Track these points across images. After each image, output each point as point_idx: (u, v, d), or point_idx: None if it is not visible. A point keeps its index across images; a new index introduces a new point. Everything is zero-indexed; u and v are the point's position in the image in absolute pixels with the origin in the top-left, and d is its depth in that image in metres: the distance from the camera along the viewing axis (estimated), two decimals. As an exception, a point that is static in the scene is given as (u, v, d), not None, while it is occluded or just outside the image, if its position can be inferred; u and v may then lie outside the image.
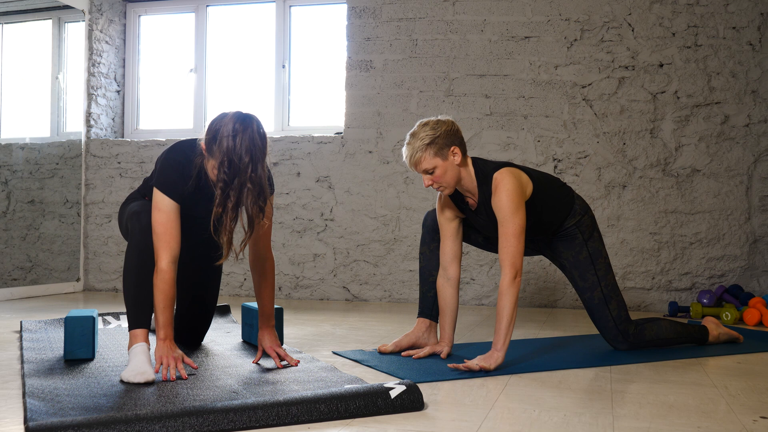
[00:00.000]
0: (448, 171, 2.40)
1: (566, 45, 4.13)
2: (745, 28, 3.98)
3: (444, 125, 2.39)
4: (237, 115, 2.09)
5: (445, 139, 2.37)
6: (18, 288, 4.30)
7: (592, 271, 2.58)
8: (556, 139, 4.13)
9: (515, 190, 2.36)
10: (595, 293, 2.59)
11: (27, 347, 2.56)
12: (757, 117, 3.97)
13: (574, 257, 2.60)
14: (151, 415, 1.57)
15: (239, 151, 2.03)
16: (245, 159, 2.04)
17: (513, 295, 2.30)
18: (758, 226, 3.98)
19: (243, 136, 2.04)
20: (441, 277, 2.58)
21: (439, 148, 2.37)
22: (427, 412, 1.80)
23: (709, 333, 2.80)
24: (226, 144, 2.04)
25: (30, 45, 4.81)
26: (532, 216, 2.48)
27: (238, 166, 2.03)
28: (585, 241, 2.59)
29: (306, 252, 4.42)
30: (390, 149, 4.31)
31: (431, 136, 2.36)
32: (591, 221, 2.62)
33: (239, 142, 2.04)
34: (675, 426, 1.70)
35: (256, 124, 2.09)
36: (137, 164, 4.69)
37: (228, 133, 2.05)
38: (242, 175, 2.04)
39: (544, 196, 2.50)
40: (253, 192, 2.06)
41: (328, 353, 2.60)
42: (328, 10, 4.73)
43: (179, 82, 4.94)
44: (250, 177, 2.05)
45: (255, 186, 2.06)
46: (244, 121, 2.07)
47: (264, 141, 2.11)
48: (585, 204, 2.63)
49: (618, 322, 2.60)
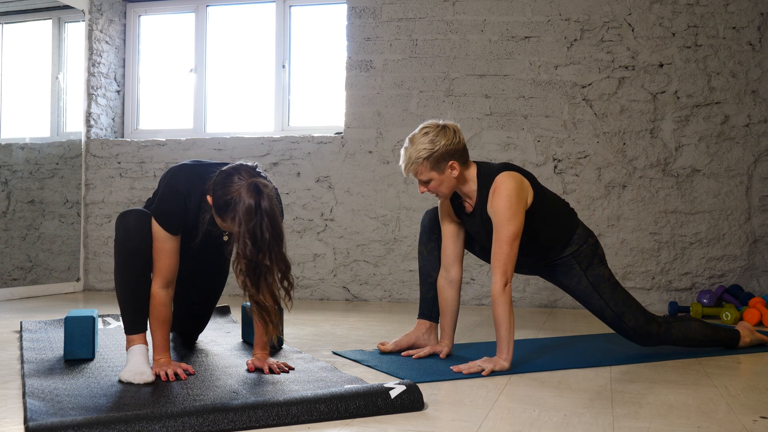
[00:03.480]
0: (444, 183, 2.36)
1: (566, 45, 4.14)
2: (745, 28, 3.98)
3: (444, 138, 2.31)
4: (251, 187, 1.94)
5: (443, 155, 2.31)
6: (18, 288, 4.30)
7: (596, 296, 2.50)
8: (556, 139, 4.13)
9: (514, 195, 2.30)
10: (606, 313, 2.52)
11: (27, 347, 2.56)
12: (757, 117, 3.97)
13: (575, 286, 2.52)
14: (151, 415, 1.57)
15: (261, 230, 1.91)
16: (267, 237, 1.92)
17: (507, 302, 2.27)
18: (758, 226, 3.98)
19: (261, 210, 1.92)
20: (442, 278, 2.56)
21: (435, 163, 2.31)
22: (427, 412, 1.80)
23: (740, 338, 2.72)
24: (245, 221, 1.91)
25: (30, 45, 4.81)
26: (530, 232, 2.40)
27: (260, 247, 1.91)
28: (583, 271, 2.49)
29: (306, 252, 4.42)
30: (390, 149, 4.31)
31: (429, 150, 2.29)
32: (591, 249, 2.51)
33: (259, 220, 1.91)
34: (675, 426, 1.70)
35: (269, 195, 1.96)
36: (137, 164, 4.69)
37: (244, 210, 1.92)
38: (264, 254, 1.92)
39: (544, 212, 2.43)
40: (280, 271, 1.96)
41: (328, 353, 2.60)
42: (328, 10, 4.73)
43: (179, 82, 4.94)
44: (274, 256, 1.93)
45: (280, 263, 1.96)
46: (258, 193, 1.94)
47: (280, 204, 2.08)
48: (587, 232, 2.53)
49: (637, 329, 2.52)
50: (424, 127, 2.36)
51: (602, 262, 2.53)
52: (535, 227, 2.42)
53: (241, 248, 1.92)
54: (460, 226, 2.55)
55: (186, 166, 2.19)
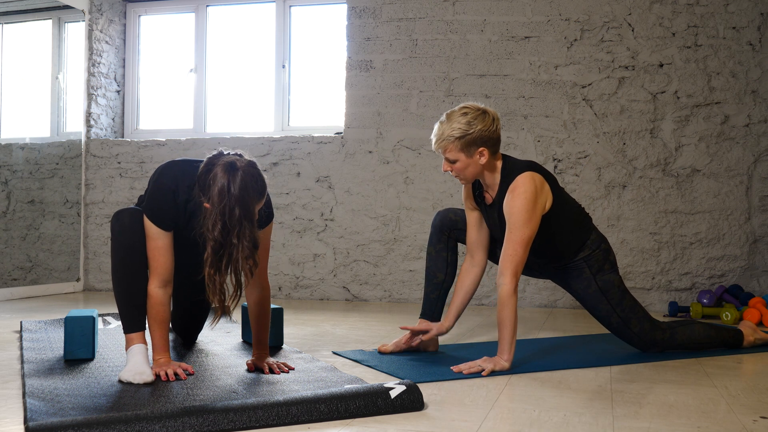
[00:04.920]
0: (469, 167, 2.34)
1: (566, 45, 4.14)
2: (745, 28, 3.98)
3: (481, 123, 2.29)
4: (225, 166, 1.97)
5: (476, 139, 2.29)
6: (18, 288, 4.30)
7: (604, 302, 2.50)
8: (556, 139, 4.13)
9: (531, 198, 2.28)
10: (612, 319, 2.52)
11: (27, 347, 2.56)
12: (757, 117, 3.97)
13: (584, 290, 2.52)
14: (151, 415, 1.57)
15: (231, 209, 1.93)
16: (236, 214, 1.94)
17: (514, 304, 2.26)
18: (758, 226, 3.98)
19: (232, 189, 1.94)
20: (467, 262, 2.55)
21: (466, 145, 2.29)
22: (427, 412, 1.80)
23: (744, 338, 2.72)
24: (217, 201, 1.94)
25: (30, 45, 4.81)
26: (545, 236, 2.39)
27: (230, 224, 1.93)
28: (593, 275, 2.49)
29: (306, 252, 4.42)
30: (390, 149, 4.31)
31: (463, 131, 2.28)
32: (603, 254, 2.51)
33: (230, 199, 1.93)
34: (675, 426, 1.70)
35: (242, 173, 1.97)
36: (137, 164, 4.69)
37: (217, 190, 1.94)
38: (233, 232, 1.94)
39: (562, 217, 2.42)
40: (246, 248, 1.96)
41: (328, 353, 2.60)
42: (328, 10, 4.73)
43: (179, 82, 4.94)
44: (242, 233, 1.95)
45: (248, 241, 1.96)
46: (231, 171, 1.96)
47: (258, 184, 2.01)
48: (600, 237, 2.53)
49: (642, 335, 2.53)
50: (464, 106, 2.33)
51: (613, 268, 2.53)
52: (552, 231, 2.41)
53: (211, 228, 1.94)
54: (481, 215, 2.53)
55: (174, 162, 2.21)
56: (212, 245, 1.95)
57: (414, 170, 4.28)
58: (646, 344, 2.56)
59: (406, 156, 4.29)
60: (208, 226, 1.96)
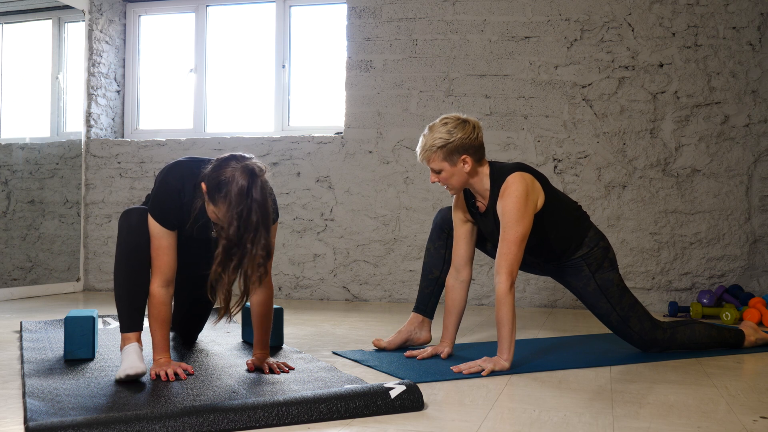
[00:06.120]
0: (454, 175, 2.38)
1: (566, 45, 4.13)
2: (745, 28, 3.98)
3: (462, 132, 2.33)
4: (245, 169, 1.94)
5: (458, 147, 2.33)
6: (18, 288, 4.30)
7: (603, 300, 2.51)
8: (556, 139, 4.13)
9: (523, 197, 2.31)
10: (611, 317, 2.53)
11: (27, 347, 2.56)
12: (757, 117, 3.97)
13: (583, 288, 2.54)
14: (151, 415, 1.57)
15: (249, 212, 1.90)
16: (254, 219, 1.90)
17: (511, 303, 2.27)
18: (758, 226, 3.98)
19: (253, 193, 1.91)
20: (453, 278, 2.56)
21: (449, 154, 2.34)
22: (427, 412, 1.80)
23: (745, 338, 2.72)
24: (235, 202, 1.90)
25: (30, 45, 4.81)
26: (540, 234, 2.41)
27: (245, 228, 1.90)
28: (592, 273, 2.50)
29: (306, 252, 4.42)
30: (390, 149, 4.31)
31: (444, 140, 2.32)
32: (602, 252, 2.52)
33: (249, 202, 1.90)
34: (675, 426, 1.70)
35: (262, 180, 1.95)
36: (137, 164, 4.69)
37: (236, 191, 1.90)
38: (248, 236, 1.91)
39: (555, 215, 2.44)
40: (259, 256, 1.93)
41: (328, 353, 2.60)
42: (328, 10, 4.73)
43: (179, 82, 4.94)
44: (257, 239, 1.91)
45: (262, 249, 1.94)
46: (252, 176, 1.93)
47: (271, 197, 2.00)
48: (598, 235, 2.54)
49: (642, 334, 2.53)
50: (444, 117, 2.39)
51: (612, 266, 2.53)
52: (546, 229, 2.43)
53: (226, 227, 1.91)
54: (473, 226, 2.56)
55: (180, 162, 2.19)
56: (224, 244, 1.93)
57: (414, 170, 4.28)
58: (647, 343, 2.57)
59: (406, 156, 4.29)
60: (222, 220, 1.94)
